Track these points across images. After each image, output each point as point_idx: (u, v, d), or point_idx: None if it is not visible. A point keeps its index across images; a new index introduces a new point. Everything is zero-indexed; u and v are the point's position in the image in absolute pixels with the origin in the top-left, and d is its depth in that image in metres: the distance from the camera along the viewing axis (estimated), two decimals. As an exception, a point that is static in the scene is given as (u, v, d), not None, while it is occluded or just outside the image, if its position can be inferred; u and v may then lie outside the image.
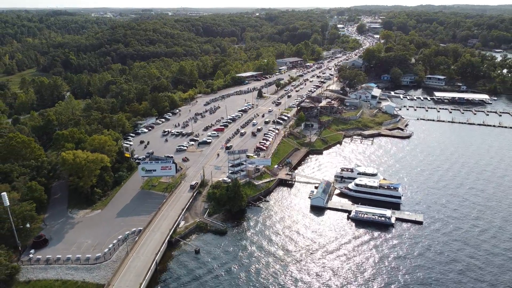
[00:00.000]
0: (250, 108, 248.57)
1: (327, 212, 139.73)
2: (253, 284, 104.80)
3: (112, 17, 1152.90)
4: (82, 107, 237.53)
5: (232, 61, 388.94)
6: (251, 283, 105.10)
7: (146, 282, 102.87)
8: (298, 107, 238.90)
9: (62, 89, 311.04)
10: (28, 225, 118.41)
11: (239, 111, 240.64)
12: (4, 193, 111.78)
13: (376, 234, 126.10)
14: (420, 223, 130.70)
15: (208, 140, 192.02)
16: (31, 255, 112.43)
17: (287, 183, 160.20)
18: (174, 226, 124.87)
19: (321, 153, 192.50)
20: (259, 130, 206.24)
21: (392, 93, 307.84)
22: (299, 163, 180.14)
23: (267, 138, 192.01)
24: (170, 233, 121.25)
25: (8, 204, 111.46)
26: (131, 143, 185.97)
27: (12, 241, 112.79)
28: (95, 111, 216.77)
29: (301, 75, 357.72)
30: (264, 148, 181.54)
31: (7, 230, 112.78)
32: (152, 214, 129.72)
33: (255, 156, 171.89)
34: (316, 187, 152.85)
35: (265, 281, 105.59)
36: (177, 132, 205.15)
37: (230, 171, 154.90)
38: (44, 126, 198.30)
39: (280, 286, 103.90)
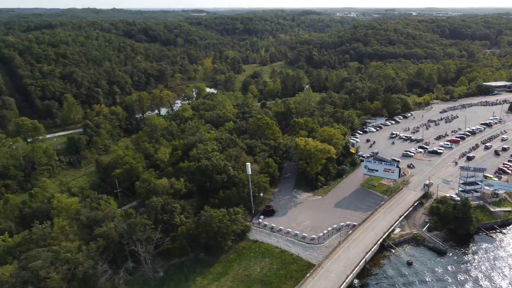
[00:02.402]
0: (496, 123, 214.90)
1: None
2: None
3: (355, 17, 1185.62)
4: (317, 99, 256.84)
5: (481, 67, 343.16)
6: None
7: (353, 276, 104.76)
8: None
9: (303, 82, 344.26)
10: (261, 194, 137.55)
11: (482, 124, 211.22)
12: (248, 164, 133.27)
13: None
14: None
15: (439, 150, 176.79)
16: (260, 220, 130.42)
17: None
18: (389, 231, 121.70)
19: None
20: (505, 149, 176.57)
21: None
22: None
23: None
24: (384, 237, 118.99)
25: (250, 173, 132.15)
26: (357, 139, 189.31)
27: (248, 205, 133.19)
28: (328, 104, 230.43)
29: None
30: (509, 171, 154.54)
31: (246, 194, 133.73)
32: (368, 213, 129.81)
33: (495, 179, 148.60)
34: None
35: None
36: (405, 136, 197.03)
37: (460, 189, 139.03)
38: (284, 112, 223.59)
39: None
